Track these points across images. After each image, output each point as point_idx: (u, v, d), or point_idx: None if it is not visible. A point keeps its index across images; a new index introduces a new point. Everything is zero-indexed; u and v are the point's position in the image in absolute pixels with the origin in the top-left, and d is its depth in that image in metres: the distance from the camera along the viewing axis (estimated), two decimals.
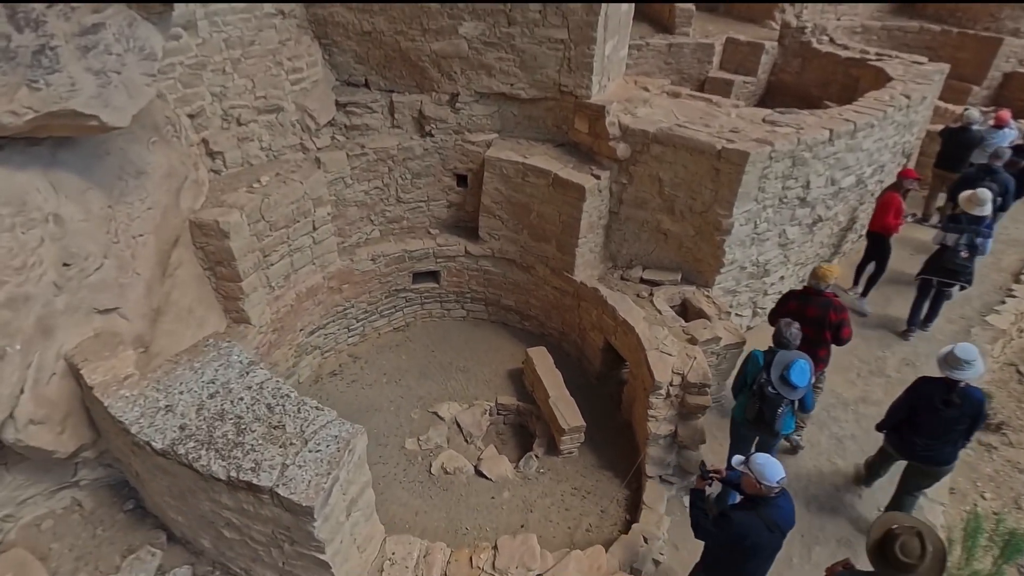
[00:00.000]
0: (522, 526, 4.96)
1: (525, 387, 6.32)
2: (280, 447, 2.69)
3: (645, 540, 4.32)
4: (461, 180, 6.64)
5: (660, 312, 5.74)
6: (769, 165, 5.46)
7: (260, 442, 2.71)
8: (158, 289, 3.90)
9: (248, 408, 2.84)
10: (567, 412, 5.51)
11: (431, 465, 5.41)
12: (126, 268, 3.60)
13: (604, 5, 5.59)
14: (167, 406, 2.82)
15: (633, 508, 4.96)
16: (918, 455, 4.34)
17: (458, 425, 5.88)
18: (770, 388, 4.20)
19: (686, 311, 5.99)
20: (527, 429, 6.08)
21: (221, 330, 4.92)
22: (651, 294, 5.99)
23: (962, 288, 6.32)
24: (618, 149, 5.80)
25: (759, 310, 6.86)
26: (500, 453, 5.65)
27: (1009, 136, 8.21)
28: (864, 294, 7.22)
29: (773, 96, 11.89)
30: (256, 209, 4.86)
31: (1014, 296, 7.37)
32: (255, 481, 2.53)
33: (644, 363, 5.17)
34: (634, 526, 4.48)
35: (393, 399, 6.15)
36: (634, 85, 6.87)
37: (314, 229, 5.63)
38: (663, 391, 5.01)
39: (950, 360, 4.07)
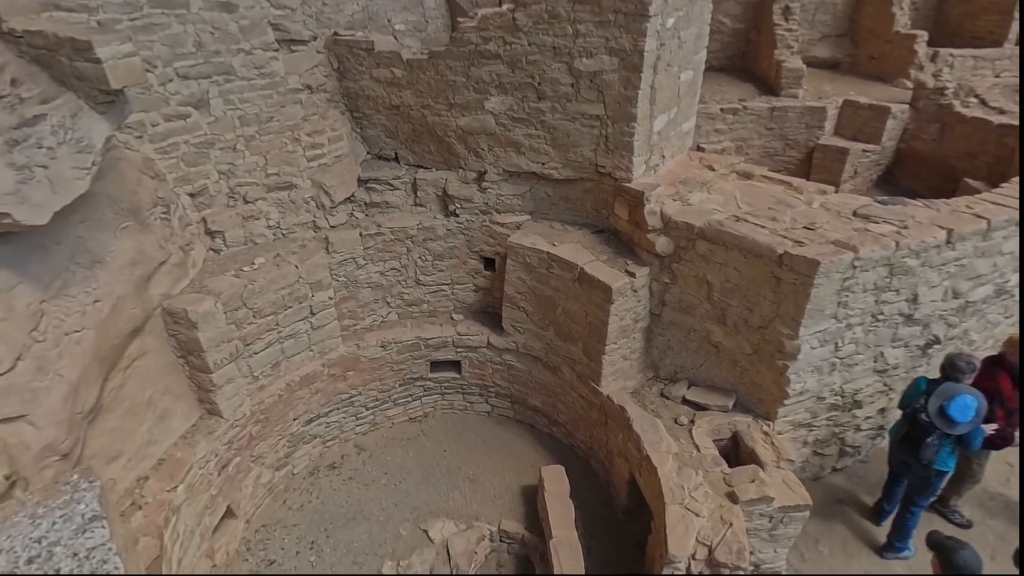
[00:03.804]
0: None
1: (538, 512, 5.34)
2: None
3: None
4: (489, 264, 5.99)
5: (699, 448, 4.56)
6: (852, 276, 4.19)
7: None
8: (91, 389, 3.60)
9: None
10: (567, 562, 4.45)
11: None
12: (46, 370, 3.33)
13: (650, 76, 4.78)
14: None
15: None
16: None
17: (448, 552, 5.03)
18: (923, 416, 4.21)
19: (737, 448, 4.73)
20: (532, 565, 5.08)
21: (191, 422, 4.60)
22: (692, 421, 4.82)
23: None
24: (657, 243, 4.83)
25: (848, 448, 5.34)
26: None
27: None
28: None
29: (903, 166, 10.11)
30: (237, 296, 4.55)
31: None
32: None
33: (662, 521, 4.03)
34: None
35: (385, 507, 5.45)
36: (698, 163, 5.88)
37: (312, 314, 5.24)
38: (681, 565, 3.83)
39: None
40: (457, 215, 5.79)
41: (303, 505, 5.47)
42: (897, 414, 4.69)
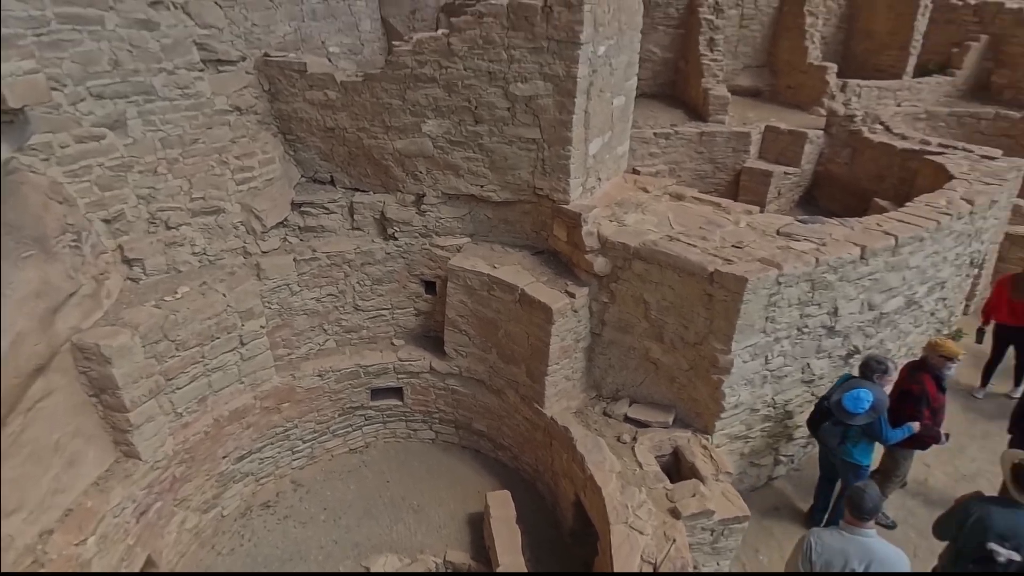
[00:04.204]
0: None
1: (484, 539, 5.22)
2: None
3: None
4: (430, 287, 5.91)
5: (641, 466, 4.60)
6: (777, 291, 4.39)
7: None
8: None
9: None
10: None
11: None
12: None
13: (583, 101, 4.91)
14: None
15: None
16: None
17: None
18: (825, 403, 4.62)
19: (678, 463, 4.81)
20: None
21: (106, 466, 4.23)
22: (635, 438, 4.87)
23: None
24: (595, 264, 4.91)
25: (782, 458, 5.54)
26: None
27: None
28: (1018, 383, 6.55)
29: (821, 187, 10.81)
30: (157, 328, 4.27)
31: None
32: None
33: (608, 542, 4.01)
34: None
35: (325, 544, 5.19)
36: (633, 185, 6.06)
37: (242, 344, 4.98)
38: None
39: None
40: (396, 238, 5.69)
41: (234, 549, 5.12)
42: None
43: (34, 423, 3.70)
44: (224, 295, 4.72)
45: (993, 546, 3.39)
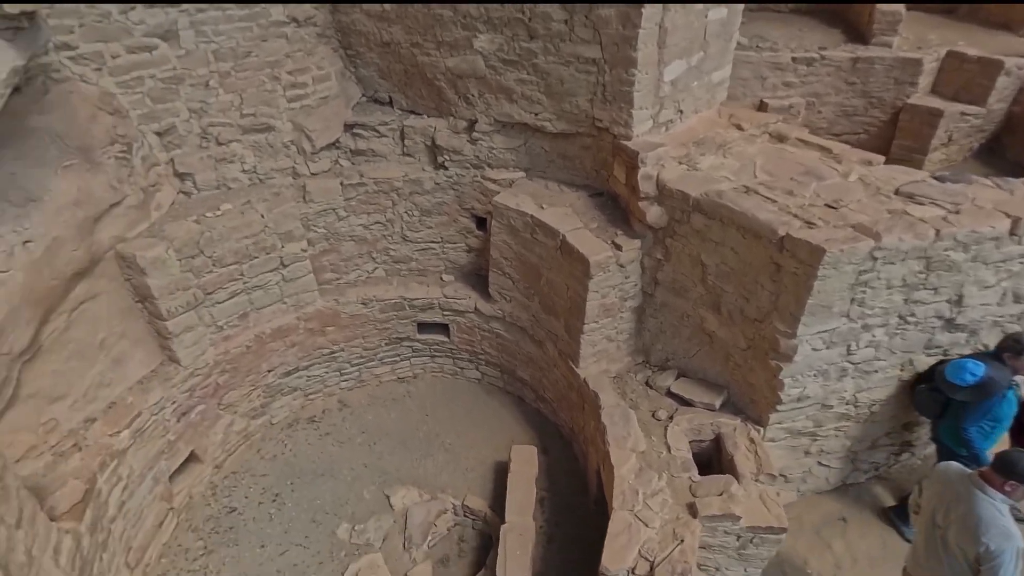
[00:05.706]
0: None
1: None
2: None
3: None
4: (481, 223, 5.53)
5: (669, 449, 4.02)
6: (871, 268, 3.40)
7: None
8: (22, 331, 3.56)
9: None
10: (513, 551, 4.15)
11: (344, 573, 4.49)
12: None
13: (656, 13, 4.02)
14: None
15: None
16: None
17: (406, 521, 4.87)
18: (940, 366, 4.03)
19: (719, 452, 4.16)
20: (495, 543, 4.83)
21: (151, 368, 4.57)
22: (671, 417, 4.27)
23: None
24: (649, 213, 4.18)
25: (863, 464, 4.61)
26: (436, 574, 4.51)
27: None
28: None
29: (1014, 134, 8.52)
30: (192, 243, 4.38)
31: None
32: None
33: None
34: None
35: (355, 467, 5.35)
36: (726, 121, 5.05)
37: (283, 266, 5.03)
38: None
39: None
40: (447, 168, 5.32)
41: (276, 456, 5.46)
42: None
43: (77, 323, 4.02)
44: (262, 215, 4.73)
45: None
